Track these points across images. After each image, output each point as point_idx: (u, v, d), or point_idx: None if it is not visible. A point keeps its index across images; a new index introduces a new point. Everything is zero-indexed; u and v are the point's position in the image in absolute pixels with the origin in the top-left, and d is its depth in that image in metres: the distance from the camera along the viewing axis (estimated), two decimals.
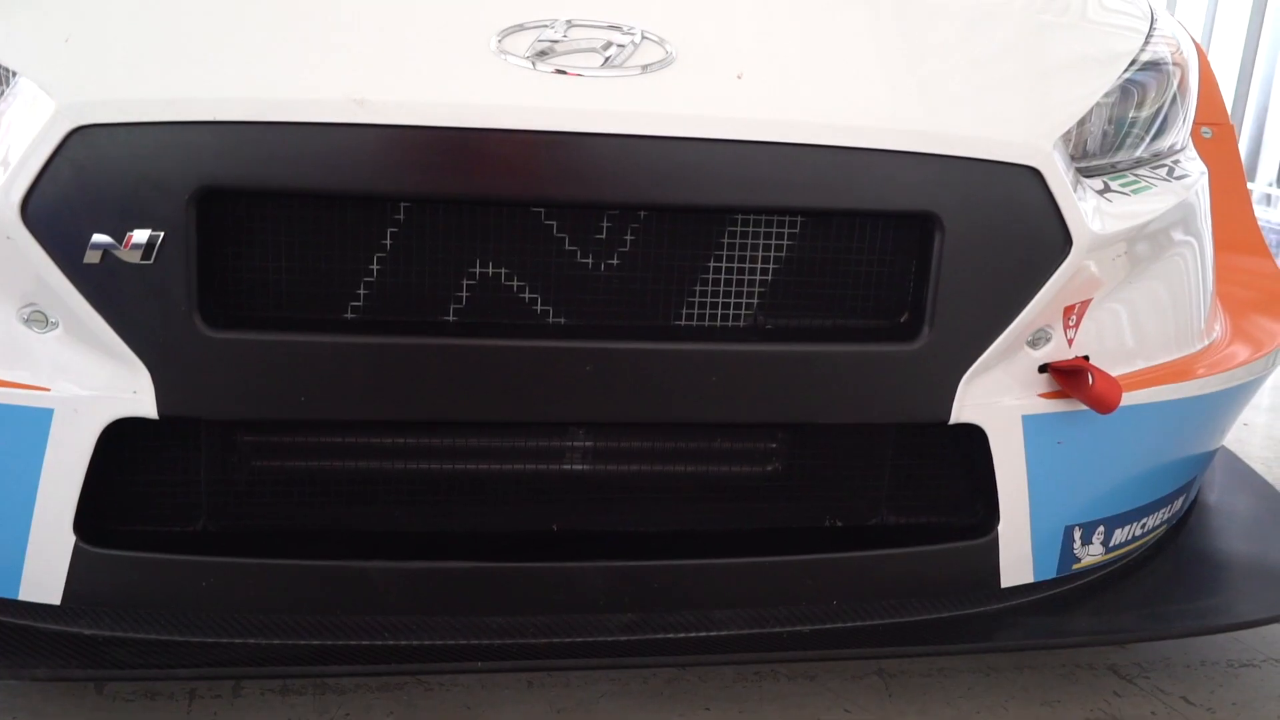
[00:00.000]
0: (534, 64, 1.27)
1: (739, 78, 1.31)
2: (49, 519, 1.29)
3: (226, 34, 1.26)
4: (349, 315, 1.32)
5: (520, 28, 1.29)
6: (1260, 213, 4.05)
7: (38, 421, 1.26)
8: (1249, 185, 4.15)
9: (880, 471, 1.52)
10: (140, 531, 1.37)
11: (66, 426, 1.26)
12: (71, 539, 1.30)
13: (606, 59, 1.28)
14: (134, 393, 1.25)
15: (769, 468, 1.52)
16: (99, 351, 1.25)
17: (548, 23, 1.30)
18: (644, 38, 1.31)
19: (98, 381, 1.26)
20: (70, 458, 1.27)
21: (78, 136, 1.19)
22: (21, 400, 1.26)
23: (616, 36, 1.30)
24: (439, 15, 1.32)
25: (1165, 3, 4.66)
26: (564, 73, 1.27)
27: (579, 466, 1.48)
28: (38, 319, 1.26)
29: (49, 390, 1.26)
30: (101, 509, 1.32)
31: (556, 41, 1.29)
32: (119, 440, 1.29)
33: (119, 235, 1.20)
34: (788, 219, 1.36)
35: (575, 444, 1.48)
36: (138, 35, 1.26)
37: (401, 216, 1.30)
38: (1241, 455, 2.38)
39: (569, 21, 1.31)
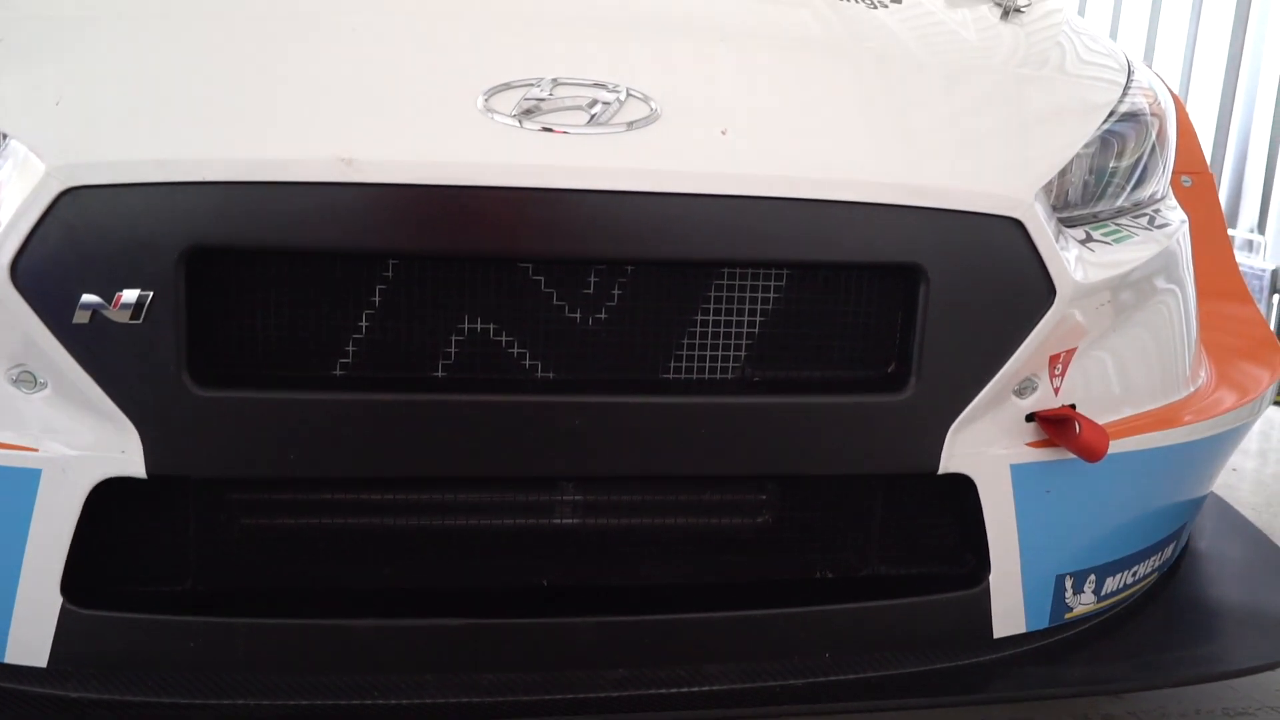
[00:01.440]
0: (520, 122, 1.28)
1: (723, 133, 1.33)
2: (36, 580, 1.28)
3: (215, 95, 1.28)
4: (338, 372, 1.32)
5: (507, 86, 1.31)
6: (1243, 258, 4.09)
7: (26, 482, 1.26)
8: (1231, 231, 4.19)
9: (870, 522, 1.52)
10: (128, 591, 1.37)
11: (54, 487, 1.26)
12: (58, 600, 1.29)
13: (592, 116, 1.30)
14: (122, 452, 1.25)
15: (759, 520, 1.52)
16: (87, 411, 1.25)
17: (534, 81, 1.32)
18: (629, 95, 1.33)
19: (86, 441, 1.26)
20: (58, 518, 1.27)
21: (68, 198, 1.19)
22: (9, 461, 1.25)
23: (602, 94, 1.32)
24: (426, 75, 1.34)
25: (1142, 53, 4.73)
26: (550, 130, 1.28)
27: (569, 521, 1.48)
28: (26, 379, 1.26)
29: (37, 451, 1.25)
30: (89, 569, 1.32)
31: (543, 100, 1.30)
32: (107, 500, 1.28)
33: (108, 295, 1.20)
34: (774, 272, 1.37)
35: (565, 498, 1.48)
36: (128, 97, 1.27)
37: (390, 273, 1.30)
38: (1231, 501, 2.38)
39: (555, 80, 1.32)
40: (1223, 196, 4.32)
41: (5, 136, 1.24)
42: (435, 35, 1.40)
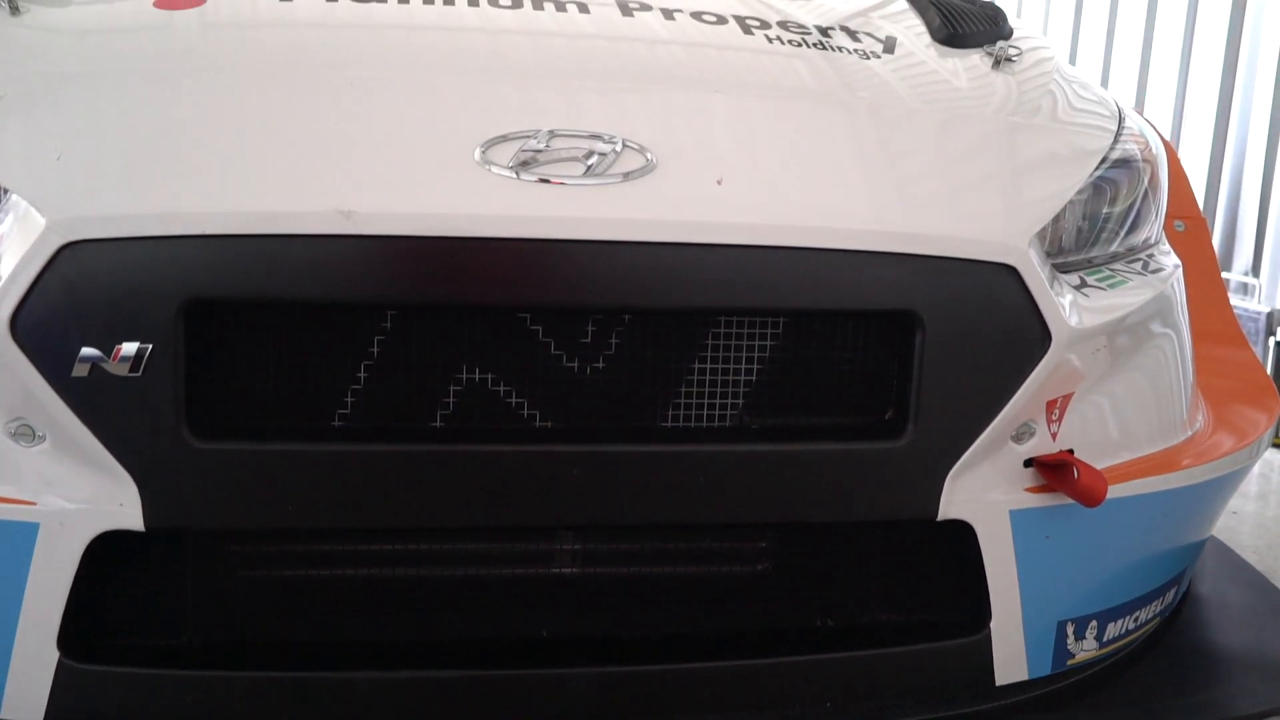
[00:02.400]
0: (518, 174, 1.29)
1: (719, 183, 1.34)
2: (32, 635, 1.27)
3: (214, 149, 1.29)
4: (336, 423, 1.32)
5: (504, 138, 1.32)
6: (1239, 301, 4.10)
7: (24, 536, 1.25)
8: (1225, 275, 4.20)
9: (870, 570, 1.52)
10: (125, 645, 1.36)
11: (52, 540, 1.25)
12: (55, 655, 1.28)
13: (589, 167, 1.31)
14: (120, 505, 1.25)
15: (758, 567, 1.52)
16: (85, 464, 1.25)
17: (531, 133, 1.33)
18: (625, 146, 1.34)
19: (83, 494, 1.25)
20: (56, 572, 1.26)
21: (68, 252, 1.20)
22: (7, 515, 1.25)
23: (598, 145, 1.33)
24: (424, 128, 1.35)
25: (1134, 100, 4.77)
26: (547, 181, 1.29)
27: (568, 570, 1.47)
28: (25, 433, 1.26)
29: (35, 504, 1.25)
30: (86, 623, 1.31)
31: (540, 151, 1.31)
32: (104, 553, 1.28)
33: (107, 348, 1.21)
34: (770, 320, 1.37)
35: (564, 548, 1.47)
36: (128, 151, 1.28)
37: (388, 324, 1.31)
38: (1232, 544, 2.38)
39: (551, 132, 1.33)
40: (1217, 240, 4.34)
41: (6, 191, 1.25)
42: (432, 88, 1.42)
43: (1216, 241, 4.33)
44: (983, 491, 1.42)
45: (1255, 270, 4.19)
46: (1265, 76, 4.17)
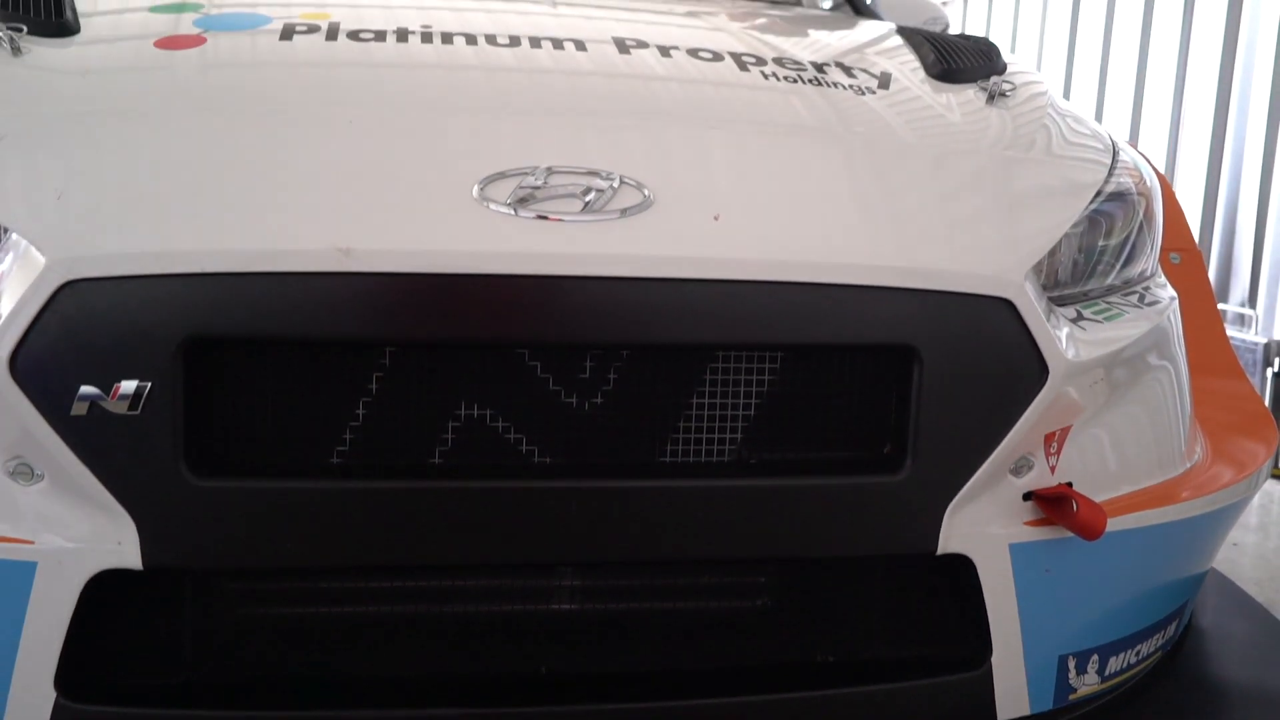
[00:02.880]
0: (516, 210, 1.30)
1: (716, 219, 1.35)
2: (29, 675, 1.27)
3: (213, 187, 1.30)
4: (335, 460, 1.32)
5: (502, 175, 1.33)
6: (1236, 332, 4.11)
7: (21, 575, 1.25)
8: (1222, 306, 4.22)
9: (870, 604, 1.51)
10: (122, 685, 1.35)
11: (50, 580, 1.25)
12: (52, 695, 1.27)
13: (586, 204, 1.31)
14: (118, 544, 1.25)
15: (757, 603, 1.51)
16: (83, 502, 1.25)
17: (528, 170, 1.34)
18: (622, 182, 1.34)
19: (81, 533, 1.25)
20: (53, 611, 1.26)
21: (67, 291, 1.21)
22: (5, 554, 1.24)
23: (596, 182, 1.34)
24: (422, 165, 1.35)
25: (1128, 134, 4.80)
26: (545, 218, 1.30)
27: (567, 607, 1.47)
28: (23, 472, 1.25)
29: (33, 543, 1.25)
30: (83, 663, 1.30)
31: (537, 188, 1.32)
32: (102, 591, 1.27)
33: (106, 386, 1.21)
34: (768, 354, 1.38)
35: (563, 584, 1.47)
36: (127, 190, 1.29)
37: (387, 361, 1.31)
38: (1233, 576, 2.37)
39: (549, 169, 1.34)
40: (1213, 272, 4.36)
41: (6, 230, 1.25)
42: (431, 126, 1.43)
43: (1213, 273, 4.35)
44: (982, 525, 1.42)
45: (1252, 302, 4.21)
46: (1258, 110, 4.20)
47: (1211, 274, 4.35)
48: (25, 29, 1.57)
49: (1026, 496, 1.45)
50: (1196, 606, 1.93)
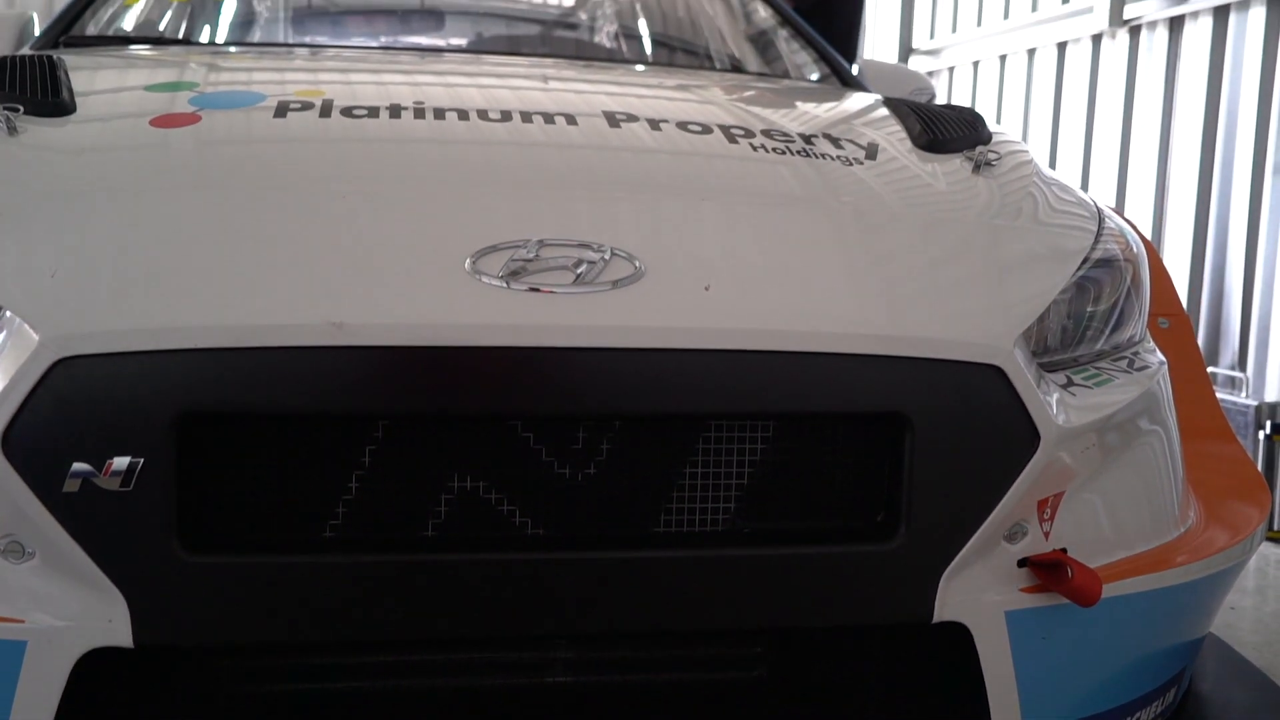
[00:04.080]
0: (508, 283, 1.31)
1: (707, 289, 1.36)
2: None
3: (206, 263, 1.31)
4: (328, 534, 1.32)
5: (494, 248, 1.34)
6: (1227, 395, 4.12)
7: (11, 654, 1.24)
8: (1213, 369, 4.24)
9: (867, 674, 1.50)
10: None
11: (40, 658, 1.24)
12: None
13: (578, 276, 1.33)
14: (109, 621, 1.24)
15: (754, 673, 1.50)
16: (75, 580, 1.24)
17: (520, 243, 1.35)
18: (614, 254, 1.36)
19: (72, 611, 1.24)
20: (43, 691, 1.24)
21: (61, 368, 1.21)
22: None
23: (587, 254, 1.35)
24: (415, 239, 1.37)
25: (1114, 199, 4.85)
26: (537, 290, 1.31)
27: (562, 679, 1.45)
28: (14, 550, 1.25)
29: (23, 622, 1.24)
30: None
31: (529, 260, 1.33)
32: (93, 669, 1.26)
33: (99, 463, 1.21)
34: (761, 424, 1.38)
35: (558, 656, 1.46)
36: (121, 267, 1.30)
37: (380, 434, 1.31)
38: (1231, 641, 2.36)
39: (541, 241, 1.35)
40: (1203, 335, 4.38)
41: (1, 308, 1.26)
42: (424, 200, 1.44)
43: (1203, 337, 4.37)
44: (977, 593, 1.41)
45: (1241, 365, 4.23)
46: (1241, 174, 4.25)
47: (1201, 337, 4.37)
48: (22, 109, 1.59)
49: (1021, 563, 1.45)
50: (1195, 672, 1.91)
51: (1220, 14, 4.38)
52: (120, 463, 1.21)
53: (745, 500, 1.39)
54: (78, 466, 1.21)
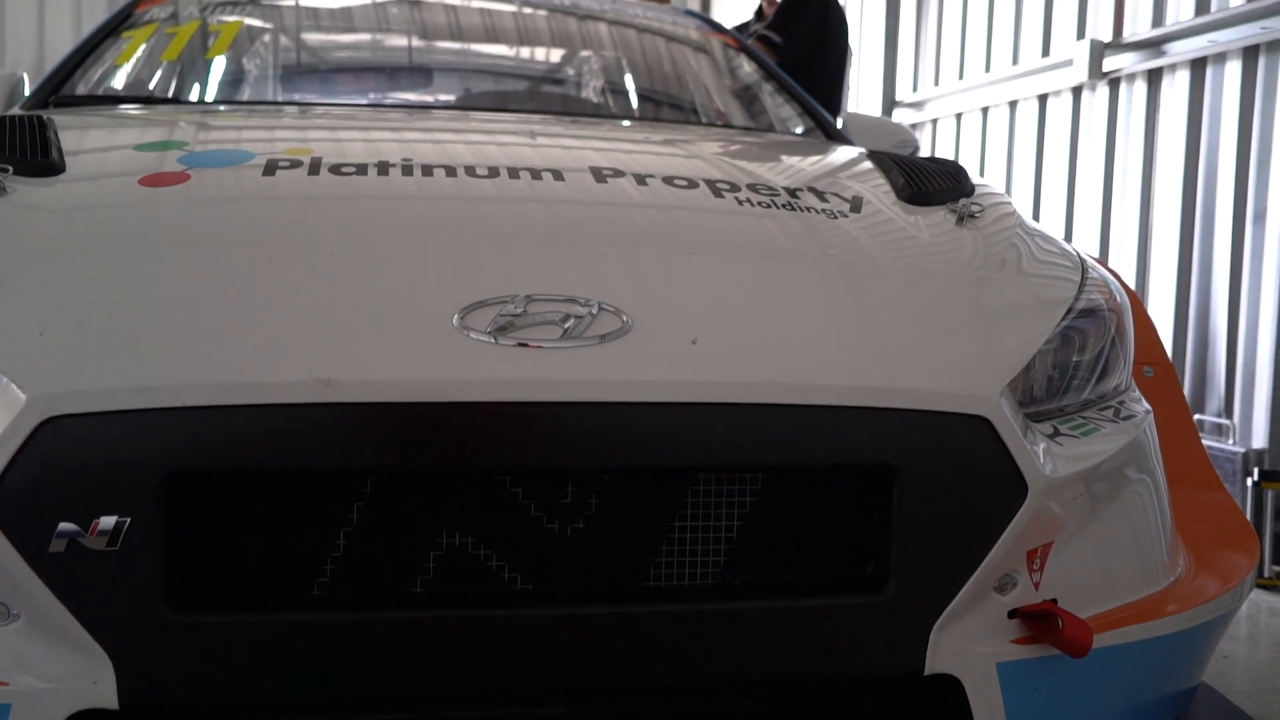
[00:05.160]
0: (496, 338, 1.31)
1: (694, 343, 1.36)
2: None
3: (195, 321, 1.31)
4: (316, 592, 1.31)
5: (482, 304, 1.35)
6: (1214, 442, 4.13)
7: None
8: (1199, 416, 4.25)
9: None
10: None
11: None
12: None
13: (565, 330, 1.33)
14: (94, 683, 1.22)
15: None
16: (60, 641, 1.23)
17: (508, 298, 1.35)
18: (601, 308, 1.36)
19: (57, 672, 1.23)
20: None
21: (47, 427, 1.21)
22: None
23: (575, 309, 1.36)
24: (403, 295, 1.37)
25: (1098, 248, 4.89)
26: (525, 345, 1.31)
27: None
28: None
29: (8, 685, 1.22)
30: None
31: (517, 315, 1.34)
32: None
33: (85, 523, 1.20)
34: (749, 476, 1.38)
35: (548, 711, 1.44)
36: (109, 326, 1.30)
37: (369, 491, 1.31)
38: (1224, 690, 2.35)
39: (528, 296, 1.36)
40: (1189, 383, 4.40)
41: None
42: (411, 256, 1.45)
43: (1189, 384, 4.39)
44: (969, 644, 1.41)
45: (1228, 411, 4.24)
46: (1222, 222, 4.30)
47: (1188, 385, 4.39)
48: (11, 169, 1.60)
49: (1012, 614, 1.44)
50: None
51: (1197, 66, 4.44)
52: (107, 522, 1.20)
53: (734, 553, 1.39)
54: (64, 526, 1.20)
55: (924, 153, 6.04)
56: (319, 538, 1.30)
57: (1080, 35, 5.12)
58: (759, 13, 5.40)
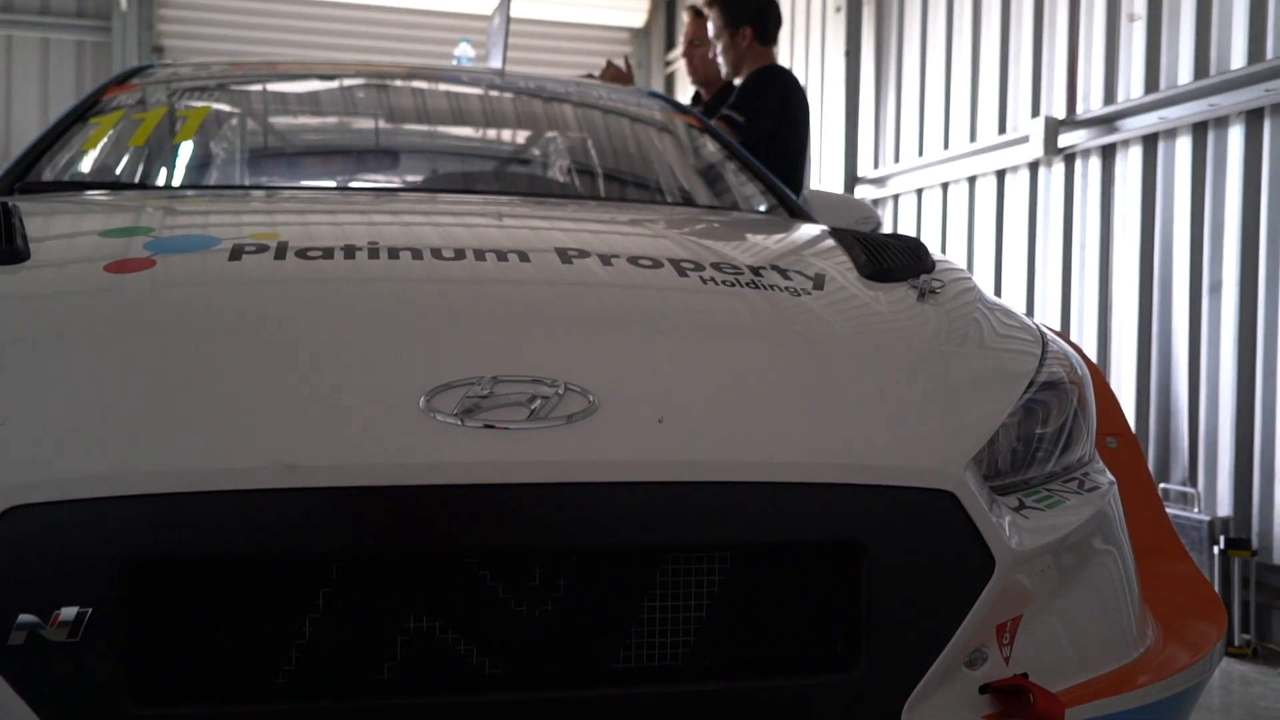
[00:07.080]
0: (462, 420, 1.31)
1: (660, 422, 1.37)
2: None
3: (158, 408, 1.30)
4: (281, 680, 1.29)
5: (448, 386, 1.35)
6: (1180, 511, 4.15)
7: None
8: (1165, 485, 4.28)
9: None
10: None
11: None
12: None
13: (532, 411, 1.33)
14: None
15: None
16: None
17: (474, 380, 1.36)
18: (567, 389, 1.37)
19: None
20: None
21: (8, 517, 1.19)
22: None
23: (541, 389, 1.36)
24: (369, 378, 1.37)
25: (1059, 320, 4.95)
26: (492, 427, 1.31)
27: None
28: None
29: None
30: None
31: (484, 397, 1.34)
32: None
33: (46, 614, 1.18)
34: (718, 554, 1.38)
35: None
36: (72, 414, 1.29)
37: (334, 576, 1.29)
38: None
39: (495, 378, 1.36)
40: (1154, 452, 4.43)
41: None
42: (377, 340, 1.45)
43: (1153, 453, 4.43)
44: None
45: (1193, 480, 4.27)
46: (1180, 292, 4.36)
47: (1152, 454, 4.43)
48: None
49: (983, 689, 1.44)
50: None
51: (1149, 142, 4.54)
52: (68, 613, 1.19)
53: (704, 632, 1.38)
54: (24, 618, 1.18)
55: (886, 228, 6.12)
56: (284, 625, 1.29)
57: (1035, 113, 5.23)
58: (696, 99, 5.51)
